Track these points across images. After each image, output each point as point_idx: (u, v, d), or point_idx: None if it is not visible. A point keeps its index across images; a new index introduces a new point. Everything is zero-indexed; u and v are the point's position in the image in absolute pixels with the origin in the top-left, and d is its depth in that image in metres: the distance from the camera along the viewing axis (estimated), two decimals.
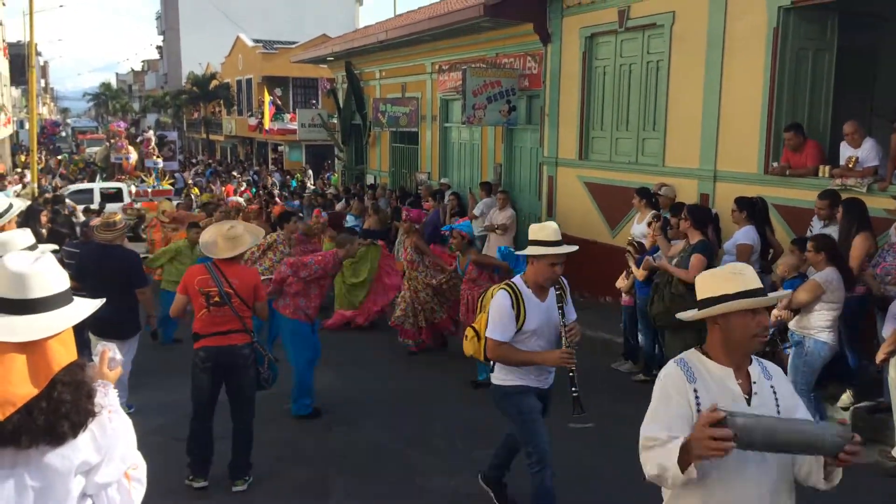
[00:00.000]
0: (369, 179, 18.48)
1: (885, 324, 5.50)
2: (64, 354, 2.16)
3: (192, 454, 5.43)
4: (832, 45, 8.16)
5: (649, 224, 7.85)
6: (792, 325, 5.91)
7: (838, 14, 8.04)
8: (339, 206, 15.33)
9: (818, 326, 5.71)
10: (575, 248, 4.50)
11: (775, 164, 8.09)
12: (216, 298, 5.28)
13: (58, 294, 2.19)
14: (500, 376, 4.48)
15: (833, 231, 6.41)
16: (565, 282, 4.47)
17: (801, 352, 5.81)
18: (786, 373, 5.98)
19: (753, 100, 8.28)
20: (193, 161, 37.84)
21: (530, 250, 4.32)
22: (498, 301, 4.30)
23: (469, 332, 4.70)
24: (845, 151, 7.39)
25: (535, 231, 4.35)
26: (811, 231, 6.76)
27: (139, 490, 2.39)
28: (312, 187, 23.71)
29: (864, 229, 6.20)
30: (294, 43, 34.42)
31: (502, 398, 4.51)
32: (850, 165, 7.11)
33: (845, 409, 6.31)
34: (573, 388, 4.18)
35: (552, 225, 4.41)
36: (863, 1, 7.44)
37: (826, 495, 5.05)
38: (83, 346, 6.70)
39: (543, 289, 4.36)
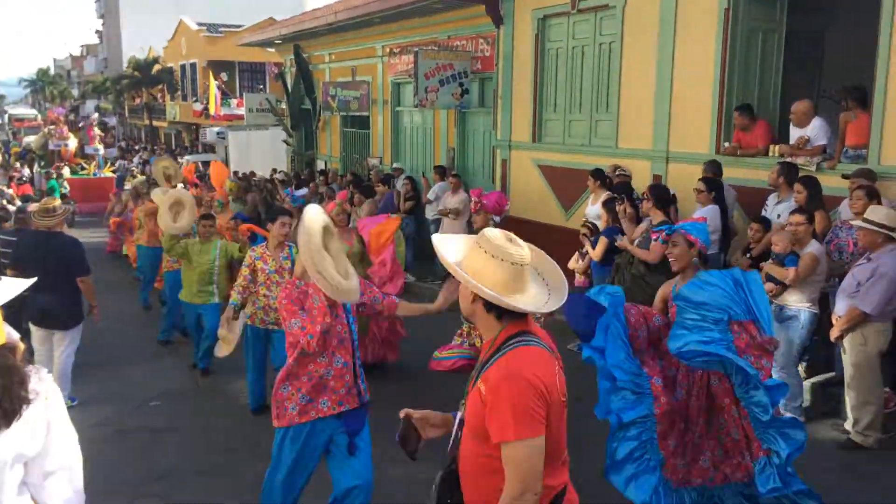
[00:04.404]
0: (319, 165, 18.18)
1: (837, 300, 5.56)
2: None
3: None
4: (781, 26, 8.25)
5: (604, 205, 7.84)
6: (788, 300, 5.75)
7: None
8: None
9: (812, 299, 5.71)
10: None
11: (727, 145, 8.16)
12: None
13: None
14: None
15: (787, 208, 6.48)
16: None
17: (796, 325, 5.72)
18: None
19: (705, 81, 8.33)
20: (136, 148, 36.79)
21: None
22: None
23: None
24: (795, 131, 7.48)
25: None
26: (766, 209, 6.82)
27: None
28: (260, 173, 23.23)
29: (821, 207, 6.27)
30: (240, 26, 33.61)
31: None
32: (801, 145, 7.20)
33: None
34: None
35: None
36: None
37: None
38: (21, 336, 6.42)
39: None
